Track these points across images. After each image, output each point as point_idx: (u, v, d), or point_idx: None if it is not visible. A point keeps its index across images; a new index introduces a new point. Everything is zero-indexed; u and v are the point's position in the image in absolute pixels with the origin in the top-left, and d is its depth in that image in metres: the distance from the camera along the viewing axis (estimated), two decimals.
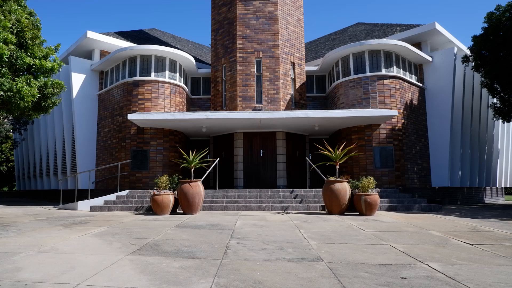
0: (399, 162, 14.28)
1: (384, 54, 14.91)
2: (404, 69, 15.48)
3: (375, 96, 14.59)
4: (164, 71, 15.32)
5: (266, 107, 15.44)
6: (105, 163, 15.70)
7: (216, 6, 17.14)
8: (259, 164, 15.31)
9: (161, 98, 15.07)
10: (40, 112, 9.80)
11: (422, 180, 15.41)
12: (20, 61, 8.82)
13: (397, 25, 18.92)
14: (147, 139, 14.70)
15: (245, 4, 16.08)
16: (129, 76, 15.22)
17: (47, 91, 9.43)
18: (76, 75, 16.29)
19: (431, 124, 16.16)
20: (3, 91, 8.06)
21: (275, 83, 15.60)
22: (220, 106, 16.31)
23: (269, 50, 15.79)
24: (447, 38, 16.62)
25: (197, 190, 10.21)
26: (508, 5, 13.45)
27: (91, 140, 16.64)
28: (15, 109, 8.58)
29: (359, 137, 14.58)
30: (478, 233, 6.75)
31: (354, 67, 15.12)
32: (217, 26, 16.96)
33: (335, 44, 20.95)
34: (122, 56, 15.31)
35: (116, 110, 15.55)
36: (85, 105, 16.56)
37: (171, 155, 14.91)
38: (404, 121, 14.79)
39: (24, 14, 9.44)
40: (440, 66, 15.94)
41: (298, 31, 16.88)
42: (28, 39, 9.29)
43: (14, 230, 7.12)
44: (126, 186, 14.28)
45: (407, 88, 15.30)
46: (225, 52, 16.34)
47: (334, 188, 9.97)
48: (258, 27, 15.95)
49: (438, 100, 15.97)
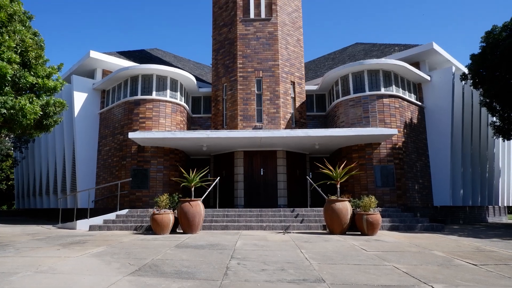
0: (400, 181, 14.22)
1: (383, 74, 15.06)
2: (403, 88, 15.61)
3: (375, 115, 14.66)
4: (165, 90, 15.44)
5: (266, 126, 15.49)
6: (105, 182, 15.64)
7: (217, 26, 17.43)
8: (259, 183, 15.24)
9: (162, 116, 15.14)
10: (42, 130, 9.83)
11: (424, 199, 15.31)
12: (23, 80, 8.91)
13: (395, 45, 19.19)
14: (148, 157, 14.69)
15: (245, 25, 16.35)
16: (131, 95, 15.34)
17: (49, 110, 9.49)
18: (78, 94, 16.43)
19: (431, 143, 16.17)
20: (5, 109, 8.11)
21: (275, 102, 15.70)
22: (221, 125, 16.37)
23: (269, 70, 15.96)
24: (445, 58, 16.83)
25: (197, 209, 10.13)
26: (504, 26, 13.69)
27: (92, 159, 16.63)
28: (17, 127, 8.61)
29: (359, 156, 14.57)
30: (482, 253, 6.66)
31: (354, 86, 15.25)
32: (218, 46, 17.19)
33: (334, 64, 21.20)
34: (124, 75, 15.47)
35: (117, 128, 15.60)
36: (86, 123, 16.63)
37: (171, 174, 14.87)
38: (404, 140, 14.81)
39: (28, 34, 9.59)
40: (439, 85, 16.08)
41: (298, 51, 17.10)
42: (31, 58, 9.41)
43: (12, 249, 7.03)
44: (126, 205, 14.19)
45: (406, 107, 15.39)
46: (226, 72, 16.52)
47: (335, 208, 9.89)
48: (258, 47, 16.18)
49: (437, 118, 16.03)
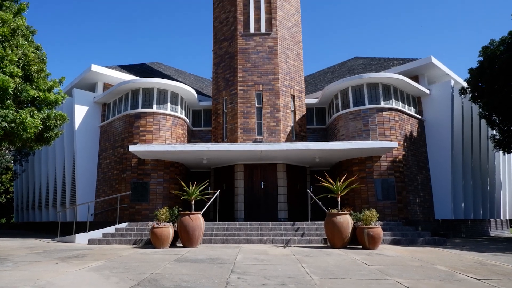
0: (401, 194, 14.16)
1: (383, 87, 15.15)
2: (402, 101, 15.68)
3: (374, 128, 14.69)
4: (165, 104, 15.52)
5: (266, 139, 15.51)
6: (105, 195, 15.58)
7: (218, 41, 17.61)
8: (260, 196, 15.18)
9: (162, 130, 15.17)
10: (42, 143, 9.84)
11: (425, 212, 15.22)
12: (24, 94, 8.97)
13: (394, 59, 19.35)
14: (148, 170, 14.66)
15: (245, 39, 16.53)
16: (131, 108, 15.41)
17: (49, 123, 9.52)
18: (79, 107, 16.50)
19: (432, 156, 16.16)
20: (6, 122, 8.13)
21: (276, 116, 15.75)
22: (221, 138, 16.40)
23: (269, 83, 16.07)
24: (444, 72, 16.96)
25: (197, 222, 10.06)
26: (502, 40, 13.84)
27: (92, 172, 16.60)
28: (17, 141, 8.62)
29: (360, 169, 14.54)
30: (485, 268, 6.59)
31: (353, 100, 15.32)
32: (218, 60, 17.35)
33: (334, 77, 21.34)
34: (125, 88, 15.57)
35: (117, 141, 15.62)
36: (87, 136, 16.65)
37: (171, 187, 14.82)
38: (404, 153, 14.81)
39: (31, 48, 9.69)
40: (438, 98, 16.16)
41: (298, 64, 17.25)
42: (33, 72, 9.49)
43: (10, 263, 6.96)
44: (126, 218, 14.10)
45: (406, 120, 15.43)
46: (226, 85, 16.62)
47: (336, 221, 9.83)
48: (258, 61, 16.32)
49: (437, 132, 16.06)
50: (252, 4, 16.70)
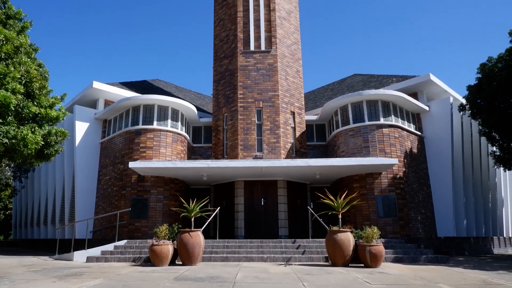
0: (403, 211, 14.06)
1: (382, 104, 15.23)
2: (402, 118, 15.74)
3: (375, 144, 14.70)
4: (166, 120, 15.57)
5: (267, 156, 15.50)
6: (104, 212, 15.47)
7: (218, 58, 17.81)
8: (260, 213, 15.07)
9: (162, 146, 15.18)
10: (43, 160, 9.83)
11: (427, 229, 15.08)
12: (26, 110, 9.01)
13: (393, 76, 19.52)
14: (148, 187, 14.60)
15: (245, 57, 16.71)
16: (132, 124, 15.46)
17: (50, 139, 9.54)
18: (80, 124, 16.54)
19: (432, 173, 16.12)
20: (7, 138, 8.15)
21: (276, 132, 15.79)
22: (221, 154, 16.39)
23: (269, 100, 16.16)
24: (442, 89, 17.08)
25: (197, 240, 9.96)
26: (499, 57, 13.99)
27: (91, 188, 16.52)
28: (17, 157, 8.62)
29: (360, 186, 14.48)
30: (489, 286, 6.49)
31: (353, 116, 15.38)
32: (219, 77, 17.49)
33: (333, 94, 21.49)
34: (126, 105, 15.65)
35: (117, 158, 15.60)
36: (87, 153, 16.64)
37: (171, 204, 14.73)
38: (405, 170, 14.77)
39: (33, 65, 9.79)
40: (438, 115, 16.22)
41: (298, 81, 17.39)
42: (35, 89, 9.56)
43: (7, 281, 6.85)
44: (125, 235, 13.96)
45: (406, 137, 15.46)
46: (226, 102, 16.72)
47: (337, 239, 9.73)
48: (258, 78, 16.45)
49: (437, 148, 16.06)
50: (252, 22, 16.95)
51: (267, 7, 17.23)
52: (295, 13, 18.28)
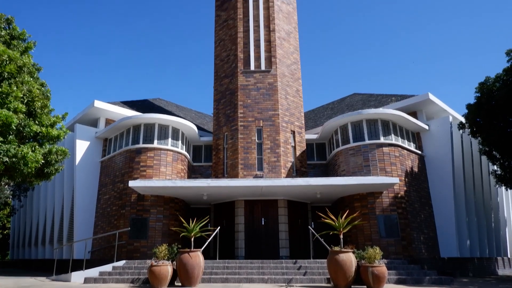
0: (405, 231, 13.90)
1: (382, 123, 15.28)
2: (402, 137, 15.76)
3: (375, 163, 14.66)
4: (166, 139, 15.60)
5: (267, 175, 15.45)
6: (103, 231, 15.30)
7: (219, 78, 17.98)
8: (260, 233, 14.89)
9: (163, 165, 15.15)
10: (42, 178, 9.81)
11: (430, 250, 14.87)
12: (27, 129, 9.04)
13: (392, 96, 19.66)
14: (147, 206, 14.49)
15: (246, 76, 16.87)
16: (132, 143, 15.47)
17: (51, 158, 9.54)
18: (81, 142, 16.56)
19: (434, 192, 16.02)
20: (8, 157, 8.14)
21: (276, 151, 15.78)
22: (222, 173, 16.33)
23: (269, 119, 16.22)
24: (441, 108, 17.17)
25: (196, 260, 9.81)
26: (497, 77, 14.14)
27: (91, 207, 16.40)
28: (17, 175, 8.60)
29: (362, 205, 14.37)
30: None
31: (353, 135, 15.40)
32: (219, 96, 17.62)
33: (333, 113, 21.59)
34: (127, 124, 15.71)
35: (117, 177, 15.55)
36: (87, 172, 16.60)
37: (171, 223, 14.58)
38: (406, 189, 14.69)
39: (35, 85, 9.89)
40: (437, 134, 16.25)
41: (297, 101, 17.50)
42: (37, 108, 9.63)
43: None
44: (124, 256, 13.76)
45: (406, 156, 15.44)
46: (227, 121, 16.78)
47: (339, 259, 9.58)
48: (258, 97, 16.56)
49: (438, 167, 16.02)
50: (252, 43, 17.19)
51: (267, 28, 17.52)
52: (294, 34, 18.57)
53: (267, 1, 17.78)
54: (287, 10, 18.53)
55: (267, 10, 17.67)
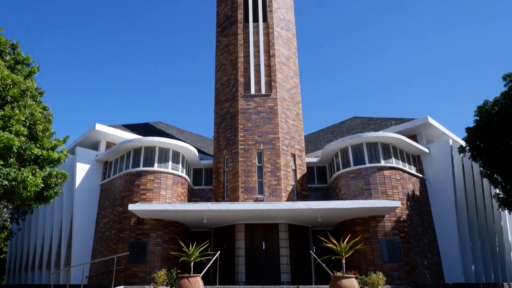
0: (408, 256, 13.67)
1: (382, 146, 15.31)
2: (402, 160, 15.75)
3: (376, 187, 14.59)
4: (167, 162, 15.59)
5: (268, 198, 15.34)
6: (101, 256, 15.06)
7: (219, 101, 18.16)
8: (261, 257, 14.65)
9: (163, 188, 15.08)
10: (42, 202, 9.75)
11: (434, 275, 14.58)
12: (28, 152, 9.05)
13: (391, 119, 19.77)
14: (147, 230, 14.32)
15: (246, 100, 17.03)
16: (133, 166, 15.45)
17: (50, 181, 9.50)
18: (81, 165, 16.53)
19: (436, 216, 15.86)
20: (7, 180, 8.12)
21: (277, 174, 15.73)
22: (222, 197, 16.23)
23: (269, 143, 16.26)
24: (441, 131, 17.23)
25: (196, 286, 9.62)
26: (496, 100, 14.25)
27: (89, 231, 16.20)
28: (16, 199, 8.55)
29: (363, 229, 14.19)
30: None
31: (354, 159, 15.40)
32: (220, 120, 17.73)
33: (333, 137, 21.66)
34: (127, 147, 15.74)
35: (117, 200, 15.45)
36: (87, 195, 16.50)
37: (170, 248, 14.37)
38: (408, 212, 14.55)
39: (38, 108, 9.97)
40: (438, 157, 16.25)
41: (298, 124, 17.60)
42: (39, 131, 9.67)
43: None
44: (122, 281, 13.49)
45: (407, 179, 15.38)
46: (227, 144, 16.82)
47: (342, 285, 9.37)
48: (259, 120, 16.66)
49: (440, 191, 15.92)
50: (252, 67, 17.45)
51: (266, 53, 17.83)
52: (294, 59, 18.88)
53: (267, 28, 18.18)
54: (287, 36, 18.92)
55: (267, 36, 18.04)
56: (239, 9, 18.44)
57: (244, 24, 18.32)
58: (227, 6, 19.31)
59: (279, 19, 18.69)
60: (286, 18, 19.23)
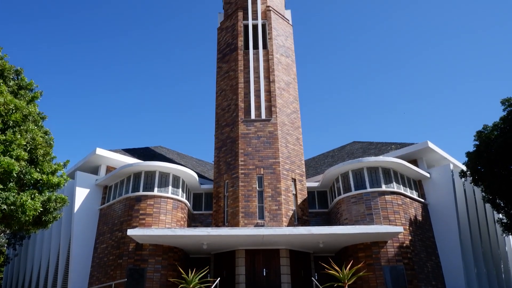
0: (412, 283, 13.37)
1: (383, 171, 15.27)
2: (404, 185, 15.67)
3: (378, 212, 14.45)
4: (167, 187, 15.52)
5: (268, 223, 15.16)
6: (99, 282, 14.74)
7: (220, 126, 18.26)
8: (262, 284, 14.31)
9: (162, 213, 14.94)
10: (40, 226, 9.66)
11: None
12: (28, 176, 9.04)
13: (391, 144, 19.81)
14: (146, 256, 14.08)
15: (246, 125, 17.12)
16: (133, 191, 15.37)
17: (49, 206, 9.45)
18: (80, 190, 16.45)
19: (440, 241, 15.63)
20: (6, 205, 8.07)
21: (277, 199, 15.62)
22: (222, 222, 16.05)
23: (270, 167, 16.23)
24: (441, 155, 17.23)
25: None
26: (494, 125, 14.32)
27: (87, 257, 15.92)
28: (15, 224, 8.47)
29: (366, 255, 13.95)
30: None
31: (354, 183, 15.33)
32: (220, 144, 17.77)
33: (334, 161, 21.64)
34: (128, 171, 15.71)
35: (116, 225, 15.27)
36: (85, 219, 16.32)
37: (169, 274, 14.08)
38: (411, 238, 14.34)
39: (39, 133, 10.04)
40: (439, 182, 16.17)
41: (298, 149, 17.63)
42: (39, 155, 9.70)
43: None
44: None
45: (409, 204, 15.25)
46: (228, 169, 16.79)
47: None
48: (259, 145, 16.69)
49: (442, 216, 15.76)
50: (252, 93, 17.64)
51: (266, 79, 18.08)
52: (293, 84, 19.13)
53: (266, 54, 18.53)
54: (286, 62, 19.24)
55: (267, 62, 18.35)
56: (239, 37, 18.86)
57: (245, 51, 18.67)
58: (227, 34, 19.75)
59: (279, 46, 19.07)
60: (285, 45, 19.63)
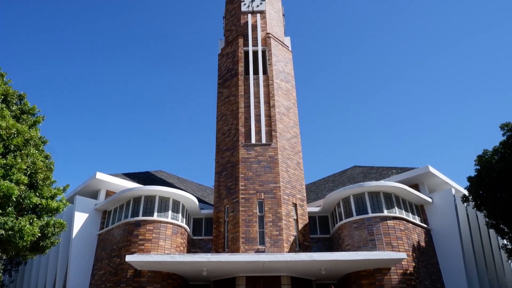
0: None
1: (384, 195, 15.16)
2: (406, 210, 15.52)
3: (380, 237, 14.24)
4: (167, 211, 15.37)
5: (269, 249, 14.92)
6: None
7: (220, 151, 18.28)
8: None
9: (162, 239, 14.73)
10: (37, 252, 9.51)
11: None
12: (27, 201, 8.97)
13: (392, 168, 19.76)
14: (144, 283, 13.76)
15: (247, 149, 17.14)
16: (132, 216, 15.22)
17: (47, 231, 9.34)
18: (79, 214, 16.29)
19: (444, 268, 15.32)
20: (4, 230, 7.97)
21: (278, 224, 15.43)
22: (222, 247, 15.80)
23: (270, 192, 16.12)
24: (443, 180, 17.15)
25: None
26: (495, 150, 14.31)
27: (84, 283, 15.57)
28: (12, 249, 8.34)
29: (369, 282, 13.63)
30: None
31: (356, 208, 15.19)
32: (221, 169, 17.73)
33: (334, 186, 21.52)
34: (127, 196, 15.61)
35: (114, 251, 15.02)
36: (84, 245, 16.08)
37: None
38: (415, 264, 14.07)
39: (40, 157, 10.04)
40: (442, 207, 16.02)
41: (298, 173, 17.57)
42: (39, 180, 9.66)
43: None
44: None
45: (412, 229, 15.05)
46: (228, 193, 16.67)
47: None
48: (259, 170, 16.64)
49: (446, 241, 15.52)
50: (253, 117, 17.76)
51: (267, 104, 18.26)
52: (293, 109, 19.29)
53: (267, 80, 18.79)
54: (286, 87, 19.49)
55: (267, 88, 18.58)
56: (240, 62, 19.18)
57: (245, 76, 18.95)
58: (228, 60, 20.10)
59: (279, 71, 19.36)
60: (285, 70, 19.93)
